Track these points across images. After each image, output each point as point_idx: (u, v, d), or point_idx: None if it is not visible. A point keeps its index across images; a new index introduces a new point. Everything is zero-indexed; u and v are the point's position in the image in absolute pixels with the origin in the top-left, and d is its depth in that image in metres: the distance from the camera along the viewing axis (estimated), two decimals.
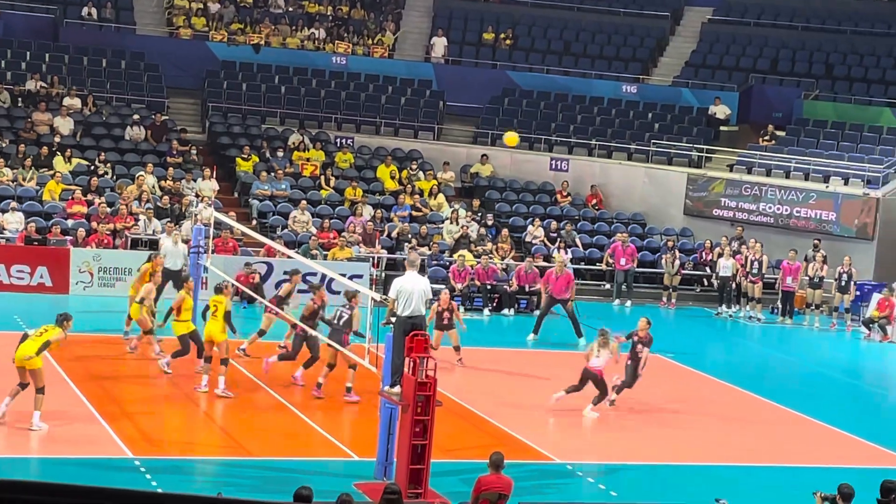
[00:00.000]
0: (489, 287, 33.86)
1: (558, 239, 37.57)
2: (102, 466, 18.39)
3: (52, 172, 35.31)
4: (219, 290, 23.28)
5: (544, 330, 30.14)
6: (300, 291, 26.86)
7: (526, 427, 22.03)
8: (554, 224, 38.41)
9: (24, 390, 19.77)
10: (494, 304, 33.89)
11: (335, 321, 22.83)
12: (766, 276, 36.11)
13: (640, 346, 23.73)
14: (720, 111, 44.51)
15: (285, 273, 26.91)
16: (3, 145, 36.21)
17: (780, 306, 35.81)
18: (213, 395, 22.68)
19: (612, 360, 23.09)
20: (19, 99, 39.07)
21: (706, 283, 37.76)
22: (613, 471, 20.37)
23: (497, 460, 16.15)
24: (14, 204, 33.37)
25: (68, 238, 32.14)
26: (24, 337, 20.07)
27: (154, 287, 25.28)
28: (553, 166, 42.08)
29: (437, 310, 26.18)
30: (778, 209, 39.04)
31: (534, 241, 37.70)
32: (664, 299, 36.88)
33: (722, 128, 44.47)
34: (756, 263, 35.76)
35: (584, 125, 43.57)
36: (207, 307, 23.45)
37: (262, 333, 25.72)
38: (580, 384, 23.05)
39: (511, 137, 29.71)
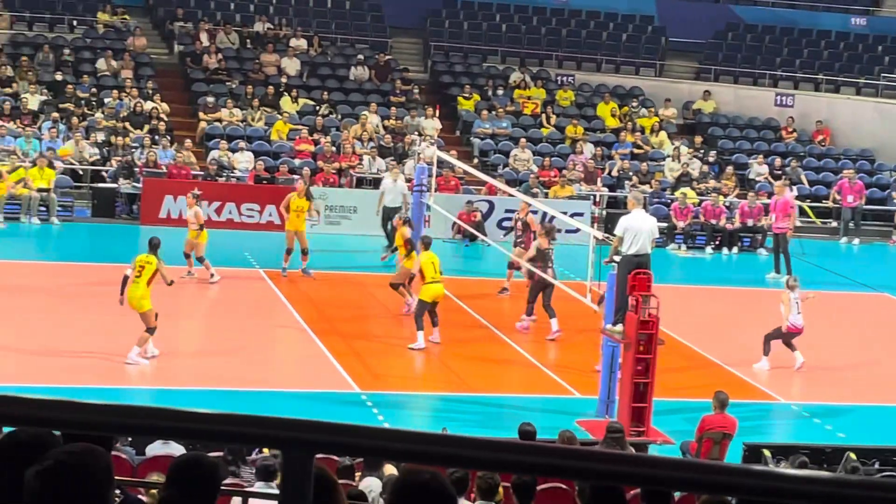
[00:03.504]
0: (712, 225, 33.47)
1: (783, 176, 36.84)
2: (331, 400, 18.92)
3: (279, 112, 36.13)
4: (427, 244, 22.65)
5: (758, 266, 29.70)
6: None
7: (749, 367, 21.79)
8: (778, 161, 37.67)
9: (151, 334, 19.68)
10: (717, 243, 33.50)
11: None
12: None
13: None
14: None
15: None
16: (233, 86, 37.13)
17: None
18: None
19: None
20: (248, 40, 39.95)
21: None
22: (840, 412, 20.05)
23: (723, 399, 16.11)
24: (243, 144, 34.24)
25: (296, 177, 32.84)
26: (125, 279, 19.54)
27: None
28: (778, 102, 41.22)
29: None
30: None
31: (757, 179, 37.06)
32: (894, 238, 35.92)
33: None
34: None
35: (811, 59, 42.53)
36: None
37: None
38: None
39: None
